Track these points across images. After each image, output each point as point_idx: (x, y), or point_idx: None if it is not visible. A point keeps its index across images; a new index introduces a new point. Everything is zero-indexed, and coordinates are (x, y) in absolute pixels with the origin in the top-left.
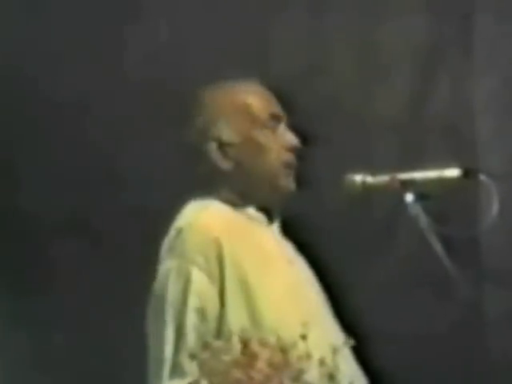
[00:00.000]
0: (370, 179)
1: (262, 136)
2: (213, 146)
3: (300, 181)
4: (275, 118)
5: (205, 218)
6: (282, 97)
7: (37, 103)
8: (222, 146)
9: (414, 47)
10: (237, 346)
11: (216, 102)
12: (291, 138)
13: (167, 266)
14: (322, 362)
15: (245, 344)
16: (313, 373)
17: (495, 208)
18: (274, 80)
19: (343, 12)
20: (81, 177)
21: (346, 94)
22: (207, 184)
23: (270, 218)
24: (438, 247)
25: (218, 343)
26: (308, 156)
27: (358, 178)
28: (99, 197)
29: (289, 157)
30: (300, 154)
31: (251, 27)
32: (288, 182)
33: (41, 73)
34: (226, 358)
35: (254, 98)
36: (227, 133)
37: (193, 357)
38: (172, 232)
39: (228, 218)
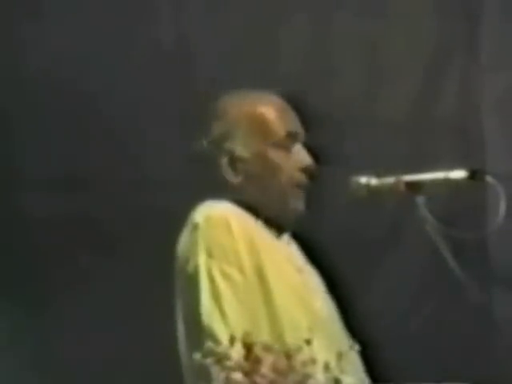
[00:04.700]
0: (374, 181)
1: (275, 154)
2: (224, 161)
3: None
4: (291, 136)
5: (220, 211)
6: (290, 99)
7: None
8: (234, 160)
9: (422, 48)
10: (240, 350)
11: (232, 113)
12: (305, 159)
13: (194, 263)
14: (326, 367)
15: (248, 348)
16: (318, 378)
17: (503, 209)
18: (282, 82)
19: (351, 14)
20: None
21: (353, 95)
22: (220, 191)
23: (280, 232)
24: (445, 249)
25: (221, 348)
26: (316, 159)
27: (363, 180)
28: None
29: (300, 177)
30: (313, 173)
31: (260, 31)
32: (296, 204)
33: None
34: (229, 363)
35: (273, 113)
36: (240, 147)
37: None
38: (189, 227)
39: (243, 214)
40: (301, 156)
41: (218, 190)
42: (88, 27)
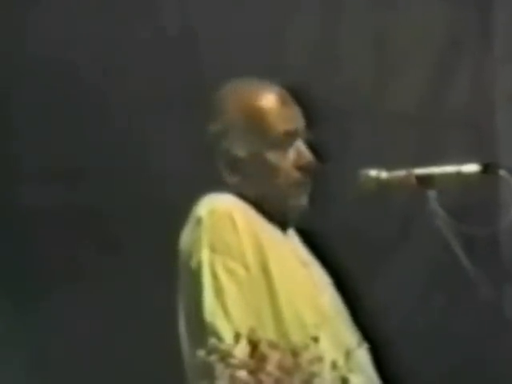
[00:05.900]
0: (384, 174)
1: (273, 155)
2: (221, 161)
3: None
4: (290, 135)
5: (224, 205)
6: (298, 91)
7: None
8: (230, 160)
9: (434, 40)
10: (245, 348)
11: (230, 109)
12: (305, 156)
13: (197, 258)
14: (334, 366)
15: (254, 346)
16: (325, 376)
17: None
18: (289, 74)
19: (361, 4)
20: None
21: (362, 87)
22: (222, 184)
23: (284, 226)
24: (456, 245)
25: (225, 345)
26: (323, 152)
27: (373, 173)
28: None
29: (300, 176)
30: (313, 171)
31: (266, 21)
32: (298, 201)
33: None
34: (234, 360)
35: (272, 109)
36: (237, 147)
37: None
38: (192, 222)
39: (246, 208)
40: (300, 153)
41: (221, 183)
42: (91, 14)
